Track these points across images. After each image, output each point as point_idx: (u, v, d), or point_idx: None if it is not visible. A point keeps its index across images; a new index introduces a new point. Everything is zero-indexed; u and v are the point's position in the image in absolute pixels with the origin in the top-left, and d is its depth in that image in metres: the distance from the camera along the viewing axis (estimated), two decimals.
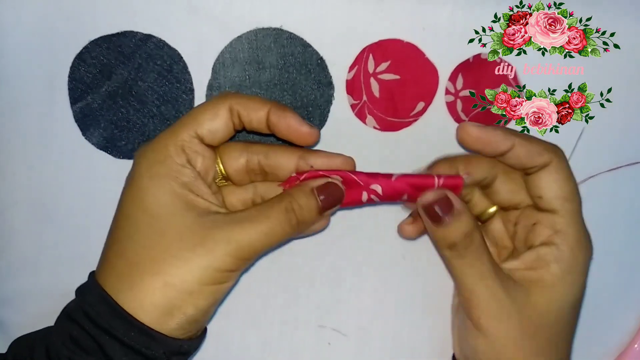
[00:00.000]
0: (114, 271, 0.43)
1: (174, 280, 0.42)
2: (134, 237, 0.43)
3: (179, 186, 0.44)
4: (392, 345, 0.56)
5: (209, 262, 0.42)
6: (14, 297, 0.54)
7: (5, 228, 0.54)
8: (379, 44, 0.52)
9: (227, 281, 0.44)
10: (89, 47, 0.52)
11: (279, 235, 0.44)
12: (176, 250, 0.42)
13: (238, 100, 0.46)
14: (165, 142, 0.45)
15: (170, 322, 0.42)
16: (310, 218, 0.45)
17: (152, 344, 0.42)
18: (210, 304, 0.44)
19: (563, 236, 0.45)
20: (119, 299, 0.42)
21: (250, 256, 0.44)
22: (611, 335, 0.57)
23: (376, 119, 0.53)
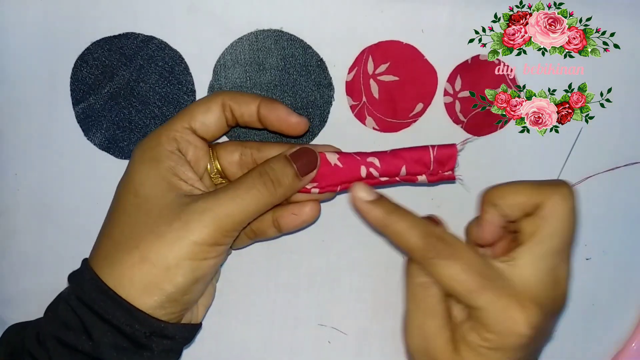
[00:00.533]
0: (101, 251, 0.45)
1: (151, 255, 0.42)
2: (121, 217, 0.45)
3: (165, 169, 0.45)
4: (392, 345, 0.56)
5: (185, 234, 0.42)
6: (15, 297, 0.55)
7: (8, 228, 0.55)
8: (378, 46, 0.52)
9: (207, 257, 0.44)
10: (91, 48, 0.52)
11: (256, 201, 0.44)
12: (155, 226, 0.43)
13: (230, 96, 0.47)
14: (160, 132, 0.47)
15: (149, 299, 0.43)
16: (287, 181, 0.45)
17: (131, 320, 0.42)
18: (190, 281, 0.43)
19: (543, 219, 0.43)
20: (102, 276, 0.43)
21: (228, 226, 0.44)
22: (609, 335, 0.57)
23: (375, 120, 0.54)
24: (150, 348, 0.44)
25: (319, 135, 0.54)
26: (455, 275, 0.42)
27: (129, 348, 0.43)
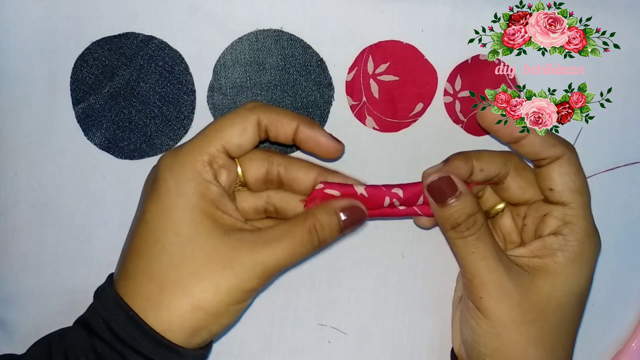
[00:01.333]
0: (141, 290, 0.43)
1: (203, 303, 0.43)
2: (162, 256, 0.43)
3: (206, 204, 0.44)
4: (392, 344, 0.56)
5: (236, 284, 0.43)
6: (16, 297, 0.54)
7: (8, 228, 0.54)
8: (378, 45, 0.52)
9: (249, 298, 0.45)
10: (91, 48, 0.53)
11: (301, 255, 0.45)
12: (205, 272, 0.43)
13: (267, 115, 0.46)
14: (194, 157, 0.45)
15: (197, 339, 0.44)
16: (331, 238, 0.46)
17: (176, 358, 0.43)
18: (233, 320, 0.45)
19: (572, 227, 0.46)
20: (148, 319, 0.43)
21: (274, 274, 0.45)
22: (609, 334, 0.57)
23: (375, 120, 0.54)
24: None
25: None
26: None
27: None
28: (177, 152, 0.45)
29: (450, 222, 0.46)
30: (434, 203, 0.47)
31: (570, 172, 0.46)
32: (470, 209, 0.46)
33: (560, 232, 0.46)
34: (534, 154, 0.47)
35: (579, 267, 0.46)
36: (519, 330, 0.45)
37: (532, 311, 0.45)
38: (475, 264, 0.46)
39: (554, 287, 0.46)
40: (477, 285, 0.46)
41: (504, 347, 0.46)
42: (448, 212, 0.46)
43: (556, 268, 0.46)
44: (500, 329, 0.45)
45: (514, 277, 0.45)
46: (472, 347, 0.47)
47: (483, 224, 0.46)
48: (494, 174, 0.48)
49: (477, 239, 0.46)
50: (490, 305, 0.45)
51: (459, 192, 0.46)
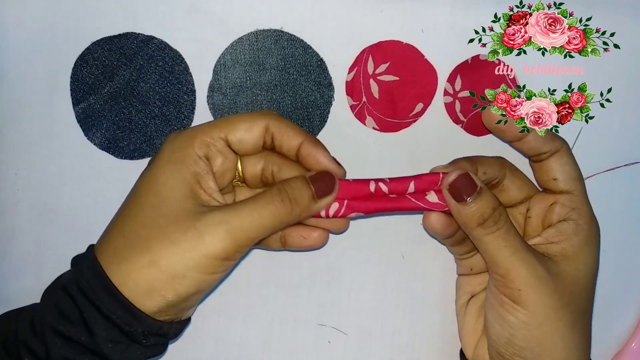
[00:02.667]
0: (111, 245, 0.44)
1: (161, 260, 0.42)
2: (138, 215, 0.44)
3: (190, 174, 0.45)
4: (392, 344, 0.56)
5: (197, 246, 0.42)
6: (16, 297, 0.54)
7: (8, 228, 0.54)
8: (378, 45, 0.52)
9: (215, 272, 0.44)
10: (91, 48, 0.53)
11: (272, 218, 0.44)
12: (170, 231, 0.43)
13: (277, 123, 0.47)
14: (194, 134, 0.46)
15: (148, 303, 0.43)
16: (304, 202, 0.45)
17: (132, 321, 0.43)
18: (192, 292, 0.44)
19: (579, 212, 0.48)
20: (109, 272, 0.43)
21: (242, 241, 0.43)
22: (609, 334, 0.57)
23: (375, 120, 0.54)
24: (143, 343, 0.44)
25: (319, 135, 0.54)
26: None
27: (124, 342, 0.43)
28: (182, 130, 0.47)
29: (477, 219, 0.46)
30: (455, 203, 0.47)
31: (569, 162, 0.49)
32: (494, 203, 0.46)
33: (569, 218, 0.48)
34: (536, 148, 0.49)
35: (591, 248, 0.48)
36: (558, 317, 0.46)
37: (564, 295, 0.46)
38: (508, 257, 0.46)
39: (576, 269, 0.47)
40: (514, 279, 0.46)
41: (546, 337, 0.46)
42: (472, 209, 0.46)
43: (575, 251, 0.47)
44: (542, 318, 0.46)
45: (545, 265, 0.46)
46: (509, 343, 0.47)
47: (507, 216, 0.47)
48: (495, 176, 0.49)
49: (506, 232, 0.46)
50: (531, 295, 0.46)
51: (479, 188, 0.46)
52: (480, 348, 0.51)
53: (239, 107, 0.53)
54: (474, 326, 0.51)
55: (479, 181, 0.47)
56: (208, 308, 0.55)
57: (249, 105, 0.53)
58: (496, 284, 0.47)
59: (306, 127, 0.54)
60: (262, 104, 0.53)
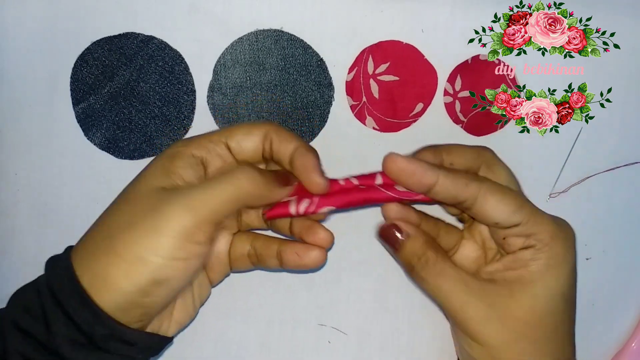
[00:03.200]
0: (81, 241, 0.43)
1: (118, 245, 0.40)
2: (108, 210, 0.44)
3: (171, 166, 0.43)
4: (392, 344, 0.56)
5: (157, 224, 0.40)
6: None
7: (8, 228, 0.55)
8: (378, 46, 0.52)
9: (176, 257, 0.40)
10: (91, 48, 0.53)
11: (233, 189, 0.42)
12: (134, 220, 0.40)
13: (276, 130, 0.46)
14: (196, 138, 0.46)
15: (107, 297, 0.40)
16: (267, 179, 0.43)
17: (91, 319, 0.40)
18: (148, 281, 0.40)
19: (535, 237, 0.45)
20: (77, 266, 0.41)
21: (202, 216, 0.40)
22: (609, 334, 0.57)
23: (376, 120, 0.54)
24: (108, 350, 0.41)
25: (319, 135, 0.54)
26: None
27: (86, 345, 0.40)
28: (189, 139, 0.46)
29: (405, 267, 0.47)
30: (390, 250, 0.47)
31: (499, 199, 0.44)
32: (419, 251, 0.46)
33: (528, 245, 0.45)
34: (452, 198, 0.44)
35: (555, 270, 0.45)
36: (512, 349, 0.45)
37: (518, 326, 0.45)
38: (446, 300, 0.45)
39: (534, 295, 0.45)
40: (459, 319, 0.46)
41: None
42: (401, 257, 0.46)
43: (531, 276, 0.45)
44: (494, 352, 0.45)
45: (490, 299, 0.45)
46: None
47: (437, 260, 0.45)
48: (464, 168, 0.46)
49: (438, 276, 0.45)
50: (477, 333, 0.45)
51: (404, 234, 0.46)
52: None
53: (239, 107, 0.53)
54: None
55: (407, 228, 0.46)
56: (207, 308, 0.54)
57: (249, 105, 0.53)
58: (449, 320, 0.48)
59: (306, 127, 0.54)
60: (262, 104, 0.53)
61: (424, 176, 0.43)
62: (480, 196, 0.44)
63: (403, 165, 0.44)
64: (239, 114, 0.53)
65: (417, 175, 0.43)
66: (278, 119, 0.53)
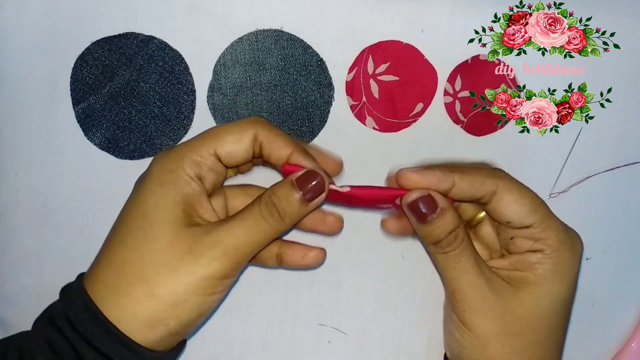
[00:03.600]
0: (102, 277, 0.43)
1: (159, 290, 0.42)
2: (126, 240, 0.43)
3: (181, 197, 0.44)
4: (392, 344, 0.56)
5: (196, 269, 0.42)
6: (15, 297, 0.55)
7: (7, 228, 0.55)
8: (378, 45, 0.52)
9: (214, 292, 0.43)
10: (91, 48, 0.53)
11: (263, 230, 0.44)
12: (163, 257, 0.42)
13: (265, 132, 0.46)
14: (182, 153, 0.45)
15: (151, 335, 0.42)
16: (292, 209, 0.44)
17: (129, 355, 0.42)
18: (195, 317, 0.43)
19: (543, 241, 0.45)
20: (102, 306, 0.42)
21: (237, 258, 0.43)
22: (609, 334, 0.57)
23: (376, 120, 0.54)
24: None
25: (319, 135, 0.54)
26: None
27: None
28: (171, 149, 0.46)
29: (432, 239, 0.46)
30: (414, 220, 0.46)
31: (514, 198, 0.45)
32: (451, 226, 0.45)
33: (536, 249, 0.46)
34: (469, 198, 0.46)
35: (560, 275, 0.45)
36: (503, 343, 0.45)
37: (516, 323, 0.45)
38: (456, 278, 0.45)
39: (537, 297, 0.45)
40: (460, 299, 0.45)
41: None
42: (429, 229, 0.45)
43: (536, 279, 0.45)
44: (484, 342, 0.45)
45: (497, 290, 0.45)
46: (459, 358, 0.47)
47: (464, 238, 0.45)
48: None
49: (459, 254, 0.45)
50: (474, 319, 0.45)
51: (439, 209, 0.45)
52: None
53: (239, 107, 0.53)
54: None
55: (441, 200, 0.45)
56: None
57: (248, 105, 0.53)
58: (448, 301, 0.47)
59: (306, 127, 0.54)
60: (262, 104, 0.53)
61: (440, 185, 0.44)
62: (498, 193, 0.45)
63: (416, 179, 0.45)
64: (239, 114, 0.53)
65: (432, 186, 0.45)
66: (278, 119, 0.53)
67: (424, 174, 0.45)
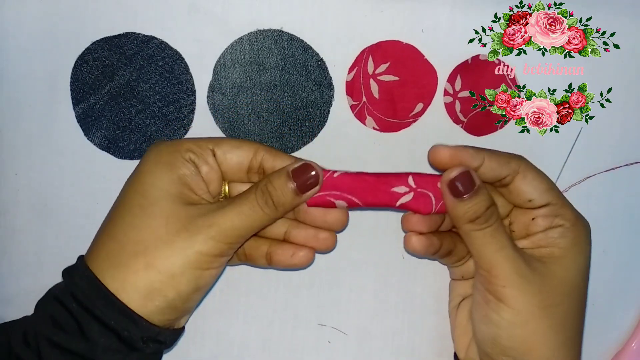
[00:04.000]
0: (102, 251, 0.45)
1: (157, 262, 0.43)
2: (126, 218, 0.45)
3: (177, 177, 0.45)
4: (392, 345, 0.56)
5: (191, 245, 0.44)
6: (16, 297, 0.55)
7: (7, 228, 0.55)
8: (378, 46, 0.52)
9: (210, 267, 0.45)
10: (91, 48, 0.53)
11: (257, 216, 0.45)
12: (162, 232, 0.44)
13: (267, 149, 0.48)
14: (181, 141, 0.47)
15: (150, 305, 0.44)
16: (286, 199, 0.46)
17: (130, 326, 0.43)
18: (192, 289, 0.45)
19: (563, 216, 0.47)
20: (103, 278, 0.44)
21: (232, 239, 0.45)
22: (609, 334, 0.57)
23: (375, 120, 0.54)
24: (142, 350, 0.45)
25: (319, 135, 0.54)
26: None
27: (122, 350, 0.44)
28: (171, 139, 0.48)
29: (469, 216, 0.46)
30: (451, 198, 0.46)
31: (535, 177, 0.47)
32: (489, 202, 0.46)
33: (554, 225, 0.47)
34: (495, 177, 0.47)
35: (580, 247, 0.47)
36: (543, 316, 0.46)
37: (552, 295, 0.46)
38: (493, 254, 0.46)
39: (565, 268, 0.47)
40: (498, 275, 0.46)
41: (531, 336, 0.46)
42: (467, 206, 0.46)
43: (563, 253, 0.47)
44: (526, 316, 0.46)
45: (531, 264, 0.46)
46: (495, 343, 0.47)
47: (498, 215, 0.47)
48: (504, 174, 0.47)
49: (495, 230, 0.46)
50: (514, 293, 0.45)
51: (477, 186, 0.46)
52: (471, 349, 0.51)
53: (239, 107, 0.53)
54: (465, 327, 0.51)
55: (477, 179, 0.46)
56: (208, 308, 0.55)
57: (248, 105, 0.53)
58: (482, 281, 0.47)
59: (306, 127, 0.54)
60: (262, 104, 0.53)
61: (472, 161, 0.46)
62: (520, 172, 0.47)
63: (450, 153, 0.46)
64: (239, 114, 0.53)
65: (465, 161, 0.46)
66: (278, 119, 0.53)
67: (457, 150, 0.46)
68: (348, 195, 0.47)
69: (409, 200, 0.47)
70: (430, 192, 0.47)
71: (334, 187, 0.47)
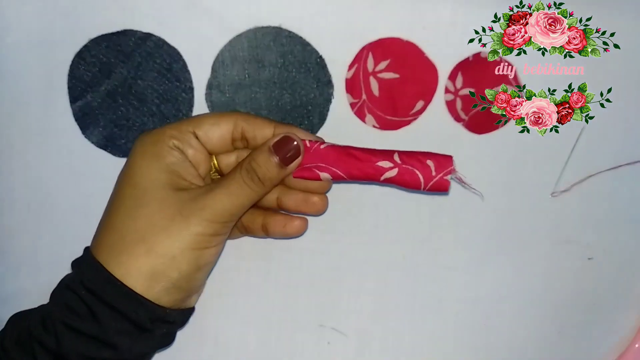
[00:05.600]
0: (105, 242, 0.47)
1: (156, 246, 0.45)
2: (121, 209, 0.47)
3: (165, 165, 0.47)
4: (392, 345, 0.56)
5: (187, 227, 0.46)
6: (13, 297, 0.55)
7: (4, 227, 0.54)
8: (378, 43, 0.52)
9: (209, 246, 0.47)
10: (89, 45, 0.52)
11: (246, 194, 0.47)
12: (156, 219, 0.46)
13: (245, 118, 0.49)
14: (163, 129, 0.48)
15: (156, 286, 0.46)
16: (271, 174, 0.47)
17: (139, 308, 0.45)
18: (193, 269, 0.47)
19: None
20: (108, 266, 0.46)
21: (224, 218, 0.47)
22: (612, 335, 0.57)
23: (375, 118, 0.53)
24: (152, 331, 0.46)
25: (318, 133, 0.54)
26: None
27: (133, 332, 0.46)
28: (155, 128, 0.49)
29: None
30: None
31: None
32: None
33: None
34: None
35: None
36: None
37: None
38: None
39: None
40: None
41: None
42: None
43: None
44: None
45: None
46: None
47: None
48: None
49: None
50: None
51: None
52: None
53: (237, 104, 0.53)
54: None
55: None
56: (208, 308, 0.55)
57: (247, 102, 0.53)
58: None
59: (305, 125, 0.53)
60: (261, 102, 0.53)
61: None
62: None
63: None
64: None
65: None
66: (277, 117, 0.53)
67: None
68: (333, 168, 0.48)
69: (393, 176, 0.48)
70: (417, 170, 0.47)
71: (319, 159, 0.48)
